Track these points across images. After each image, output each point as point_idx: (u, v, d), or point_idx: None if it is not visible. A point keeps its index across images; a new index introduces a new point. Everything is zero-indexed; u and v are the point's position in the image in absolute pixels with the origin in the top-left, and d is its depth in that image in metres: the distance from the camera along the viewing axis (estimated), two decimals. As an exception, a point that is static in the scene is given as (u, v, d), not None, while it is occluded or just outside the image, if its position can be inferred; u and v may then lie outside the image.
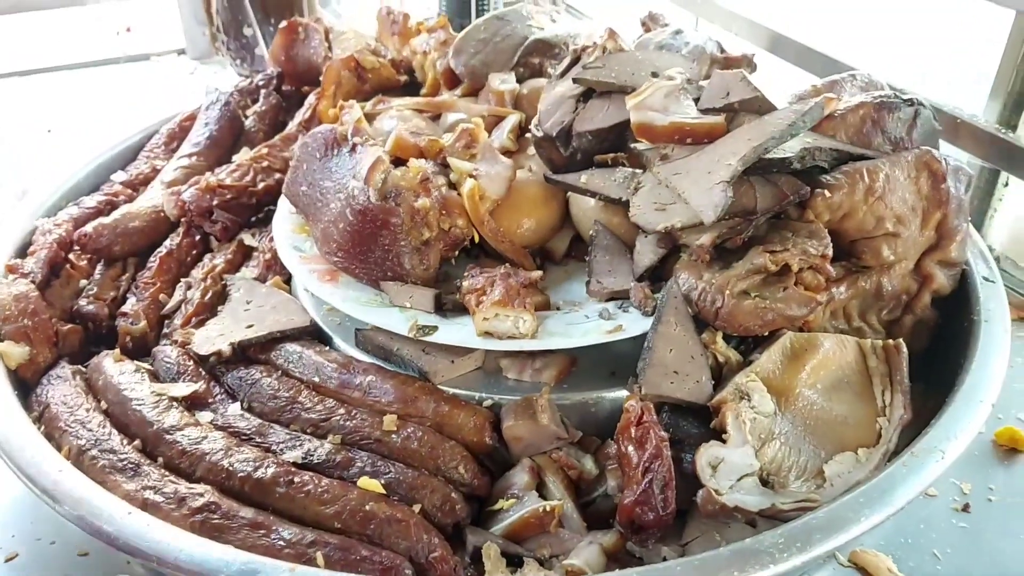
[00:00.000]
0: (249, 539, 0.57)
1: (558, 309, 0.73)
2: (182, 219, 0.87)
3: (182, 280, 0.82)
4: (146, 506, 0.59)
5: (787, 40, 1.11)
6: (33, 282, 0.77)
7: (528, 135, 0.82)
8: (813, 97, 0.76)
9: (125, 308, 0.78)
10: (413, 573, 0.56)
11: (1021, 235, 0.93)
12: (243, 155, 0.95)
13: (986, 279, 0.77)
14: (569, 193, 0.79)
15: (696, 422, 0.66)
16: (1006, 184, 0.92)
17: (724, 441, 0.64)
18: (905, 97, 0.79)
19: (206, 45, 1.43)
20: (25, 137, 1.22)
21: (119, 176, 0.95)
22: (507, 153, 0.81)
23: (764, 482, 0.63)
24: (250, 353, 0.73)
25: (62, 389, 0.69)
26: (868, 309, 0.75)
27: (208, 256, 0.85)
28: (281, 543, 0.56)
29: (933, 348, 0.76)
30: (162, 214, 0.87)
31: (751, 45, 1.16)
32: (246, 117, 1.02)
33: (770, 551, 0.54)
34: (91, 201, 0.89)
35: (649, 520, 0.59)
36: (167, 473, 0.62)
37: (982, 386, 0.67)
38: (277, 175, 0.91)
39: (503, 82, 0.88)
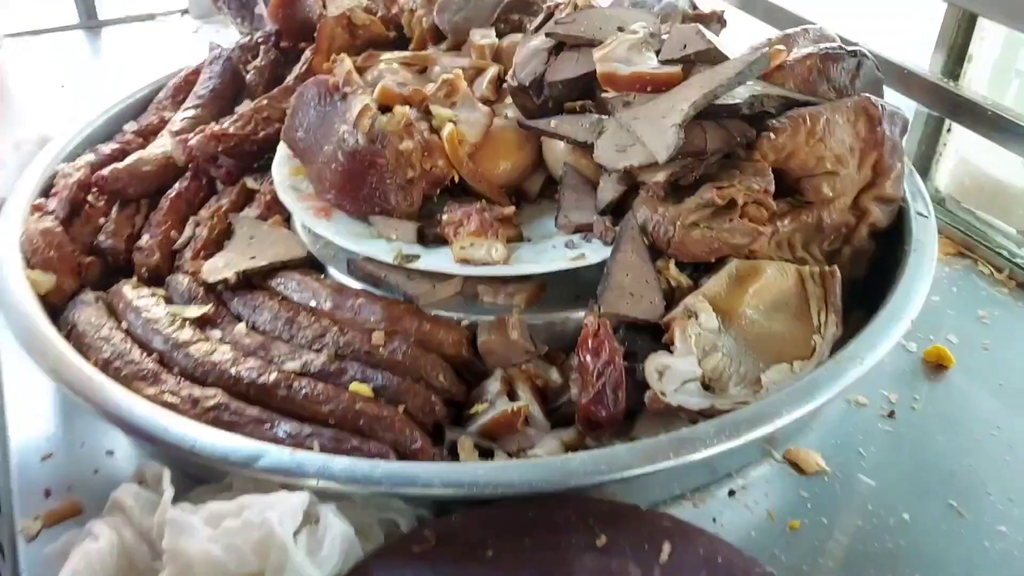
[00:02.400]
0: (255, 432, 0.65)
1: (529, 241, 0.81)
2: (189, 164, 0.95)
3: (191, 219, 0.90)
4: (165, 407, 0.67)
5: (761, 0, 1.18)
6: (57, 219, 0.85)
7: (505, 86, 0.90)
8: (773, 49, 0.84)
9: (140, 243, 0.87)
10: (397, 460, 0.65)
11: (962, 177, 1.01)
12: (244, 106, 1.02)
13: (919, 214, 0.85)
14: (542, 138, 0.86)
15: (649, 338, 0.75)
16: (949, 130, 1.00)
17: (671, 352, 0.72)
18: (850, 49, 0.86)
19: (208, 5, 1.49)
20: (40, 92, 1.29)
21: (131, 126, 1.03)
22: (487, 102, 0.89)
23: (706, 387, 0.71)
24: (253, 281, 0.81)
25: (86, 312, 0.78)
26: (810, 241, 0.82)
27: (214, 198, 0.93)
28: (282, 435, 0.65)
29: (872, 277, 0.84)
30: (171, 160, 0.95)
31: (723, 3, 1.22)
32: (247, 72, 1.09)
33: (703, 438, 0.63)
34: (106, 148, 0.97)
35: (602, 417, 0.68)
36: (182, 380, 0.71)
37: (904, 305, 0.75)
38: (276, 124, 0.98)
39: (483, 37, 0.96)
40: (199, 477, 0.65)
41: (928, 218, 0.85)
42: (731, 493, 0.71)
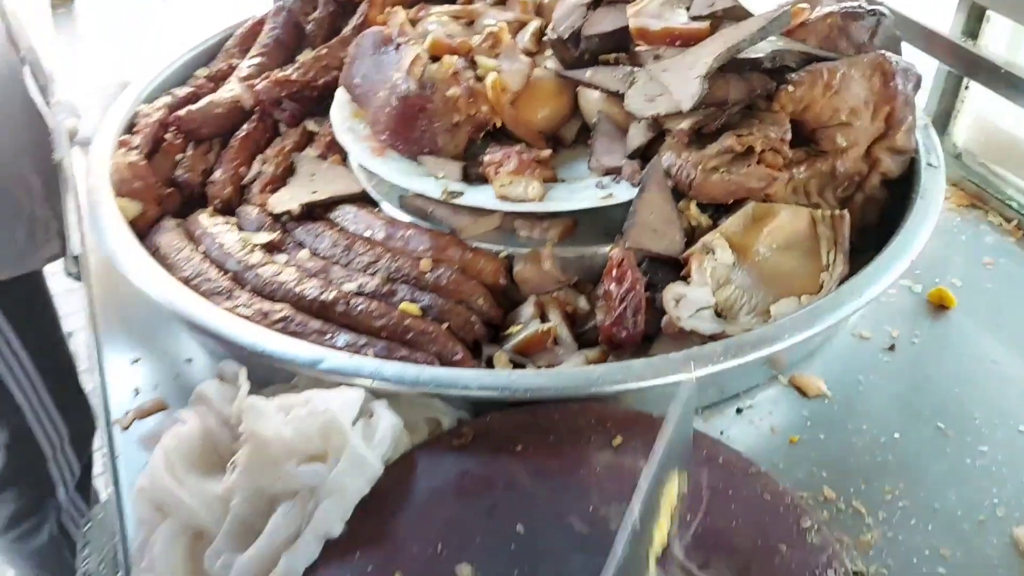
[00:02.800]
0: (317, 341, 0.74)
1: (563, 181, 0.89)
2: (256, 108, 1.04)
3: (258, 157, 0.99)
4: (239, 319, 0.77)
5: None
6: (140, 154, 0.95)
7: (545, 39, 0.97)
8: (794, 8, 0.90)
9: (213, 178, 0.96)
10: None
11: (979, 133, 1.06)
12: (305, 55, 1.11)
13: (930, 164, 0.91)
14: (578, 87, 0.93)
15: (669, 271, 0.82)
16: (967, 87, 1.05)
17: (688, 283, 0.80)
18: (869, 8, 0.91)
19: (270, -40, 1.57)
20: (117, 41, 1.39)
21: (202, 72, 1.12)
22: (528, 53, 0.96)
23: (718, 315, 0.79)
24: (315, 213, 0.90)
25: (168, 236, 0.88)
26: (825, 187, 0.89)
27: (278, 138, 1.02)
28: (341, 344, 0.74)
29: (885, 224, 0.90)
30: (240, 103, 1.04)
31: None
32: (307, 23, 1.18)
33: (710, 356, 0.71)
34: (181, 92, 1.06)
35: (623, 337, 0.76)
36: (253, 297, 0.80)
37: (906, 246, 0.81)
38: (334, 72, 1.06)
39: (527, -8, 1.03)
40: (269, 381, 0.75)
41: (938, 168, 0.90)
42: (738, 411, 0.79)
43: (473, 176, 0.88)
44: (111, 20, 1.47)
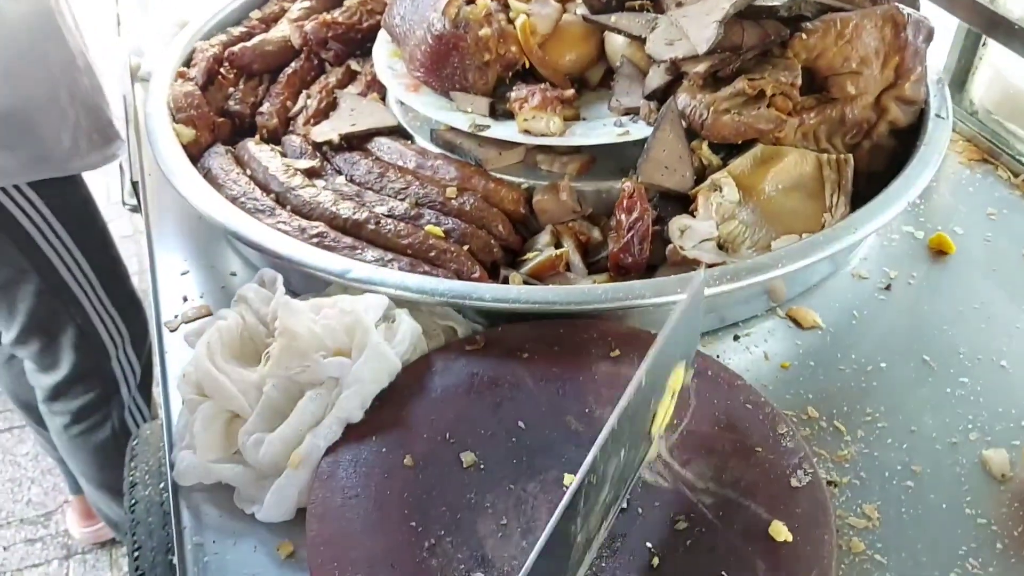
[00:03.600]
0: (348, 255, 0.82)
1: (584, 120, 0.94)
2: (304, 47, 1.11)
3: (304, 92, 1.06)
4: (280, 233, 0.84)
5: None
6: (196, 85, 1.02)
7: (575, -15, 1.02)
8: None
9: (262, 109, 1.04)
10: (458, 282, 0.81)
11: (996, 90, 1.09)
12: (350, 0, 1.18)
13: (938, 116, 0.95)
14: (604, 32, 0.99)
15: (678, 207, 0.88)
16: (984, 45, 1.07)
17: (694, 216, 0.86)
18: (887, -39, 0.95)
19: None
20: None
21: (255, 14, 1.19)
22: (557, 1, 1.01)
23: (721, 247, 0.85)
24: (352, 143, 0.98)
25: (219, 160, 0.95)
26: (834, 134, 0.93)
27: (323, 76, 1.09)
28: (369, 258, 0.82)
29: (892, 170, 0.94)
30: (289, 43, 1.11)
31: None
32: (356, -30, 1.24)
33: (708, 279, 0.76)
34: (235, 31, 1.14)
35: (629, 263, 0.82)
36: (293, 215, 0.88)
37: (904, 189, 0.86)
38: (377, 16, 1.12)
39: (560, -60, 1.08)
40: (304, 289, 0.82)
41: (946, 120, 0.94)
42: (736, 338, 0.85)
43: (500, 112, 0.94)
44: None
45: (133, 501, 1.28)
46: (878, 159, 0.94)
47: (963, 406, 0.77)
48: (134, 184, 1.11)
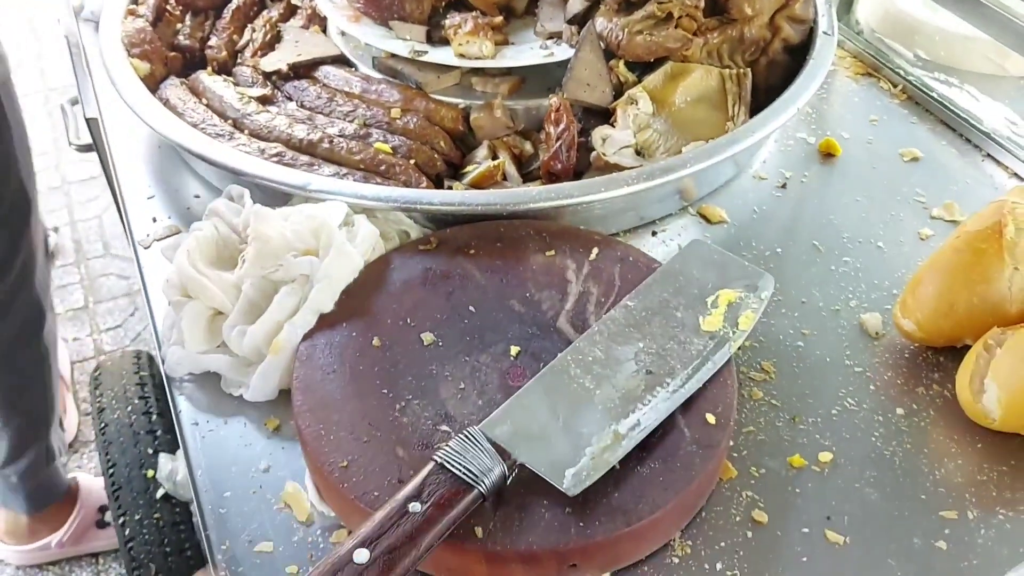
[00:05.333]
0: (307, 171, 0.91)
1: (513, 44, 1.04)
2: (246, -16, 1.17)
3: (248, 27, 1.13)
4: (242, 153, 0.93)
5: None
6: (147, 22, 1.08)
7: (500, -79, 1.11)
8: None
9: (211, 43, 1.10)
10: (408, 191, 0.91)
11: (877, 10, 1.22)
12: (287, -61, 1.24)
13: (825, 33, 1.07)
14: (528, -36, 1.08)
15: (599, 119, 0.99)
16: (868, -32, 1.20)
17: (614, 127, 0.97)
18: None
19: None
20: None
21: (195, -48, 1.24)
22: (485, -65, 1.10)
23: (638, 153, 0.96)
24: (300, 72, 1.05)
25: (175, 91, 1.02)
26: (734, 52, 1.04)
27: (266, 11, 1.16)
28: (326, 173, 0.91)
29: (786, 83, 1.06)
30: (231, -20, 1.17)
31: None
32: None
33: (626, 179, 0.88)
34: (178, -31, 1.20)
35: (558, 169, 0.93)
36: (252, 138, 0.96)
37: (794, 98, 0.98)
38: (315, -48, 1.19)
39: None
40: (266, 205, 0.91)
41: (832, 37, 1.06)
42: (654, 233, 0.96)
43: (436, 39, 1.03)
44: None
45: (103, 424, 1.37)
46: (774, 74, 1.06)
47: (845, 280, 0.91)
48: (90, 121, 1.16)
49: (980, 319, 0.79)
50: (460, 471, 0.64)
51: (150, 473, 1.31)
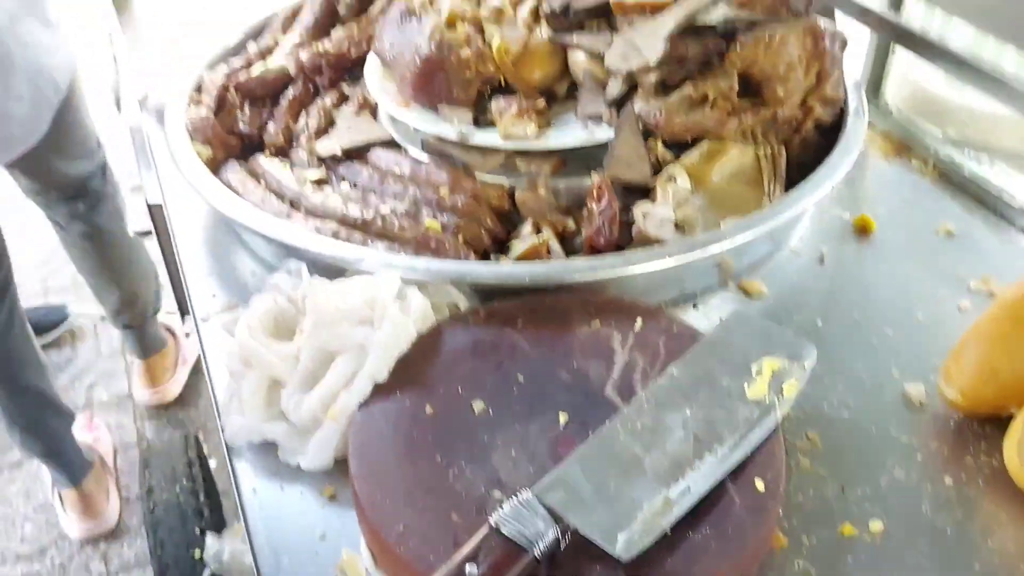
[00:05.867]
0: (359, 246, 0.95)
1: (555, 127, 1.09)
2: (300, 74, 1.24)
3: (303, 112, 1.20)
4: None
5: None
6: (209, 110, 1.15)
7: (541, 12, 1.17)
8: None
9: (268, 129, 1.16)
10: (457, 266, 0.94)
11: (905, 91, 1.26)
12: (338, 32, 1.31)
13: (855, 113, 1.11)
14: (568, 50, 1.13)
15: (639, 196, 1.03)
16: (893, 52, 1.24)
17: (654, 203, 1.00)
18: (806, -16, 1.11)
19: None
20: (177, 27, 1.60)
21: (252, 47, 1.32)
22: (527, 24, 1.16)
23: (678, 227, 0.99)
24: (353, 155, 1.11)
25: (235, 174, 1.08)
26: (768, 131, 1.08)
27: (319, 98, 1.22)
28: (379, 248, 0.95)
29: (819, 161, 1.09)
30: (287, 71, 1.24)
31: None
32: (340, 6, 1.38)
33: (667, 252, 0.91)
34: (237, 62, 1.27)
35: (600, 244, 0.96)
36: (308, 216, 1.00)
37: (828, 174, 1.01)
38: (363, 46, 1.26)
39: (526, -24, 1.23)
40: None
41: (862, 117, 1.10)
42: (695, 306, 0.99)
43: (482, 122, 1.08)
44: (166, 16, 1.68)
45: (152, 504, 1.39)
46: (807, 152, 1.10)
47: (886, 352, 0.92)
48: (152, 207, 1.22)
49: (1023, 387, 0.80)
50: (515, 535, 0.65)
51: (197, 553, 1.33)
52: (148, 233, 1.33)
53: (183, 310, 1.38)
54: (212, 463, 1.79)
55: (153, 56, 1.44)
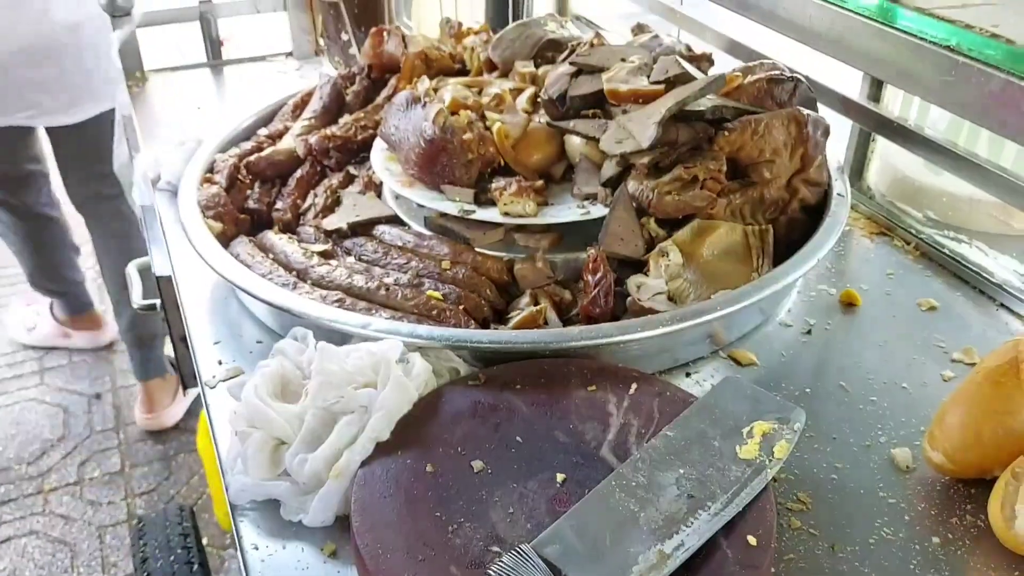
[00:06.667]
0: (365, 314, 0.98)
1: (552, 204, 1.14)
2: (308, 156, 1.30)
3: (311, 192, 1.25)
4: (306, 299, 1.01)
5: (740, 45, 1.51)
6: (221, 188, 1.20)
7: (539, 100, 1.24)
8: (730, 75, 1.17)
9: (277, 206, 1.22)
10: (458, 333, 0.98)
11: (885, 176, 1.32)
12: (346, 118, 1.38)
13: (839, 195, 1.16)
14: (564, 135, 1.20)
15: (632, 270, 1.07)
16: (874, 140, 1.31)
17: (647, 276, 1.04)
18: (788, 76, 1.18)
19: (307, 48, 1.88)
20: (189, 113, 1.67)
21: (263, 131, 1.38)
22: (526, 112, 1.23)
23: (671, 299, 1.03)
24: (358, 230, 1.16)
25: (245, 247, 1.12)
26: (756, 211, 1.14)
27: (326, 179, 1.28)
28: (383, 317, 0.98)
29: (805, 239, 1.14)
30: (295, 153, 1.30)
31: (715, 48, 1.55)
32: (347, 94, 1.45)
33: (659, 321, 0.94)
34: (247, 145, 1.33)
35: (596, 314, 1.00)
36: (314, 287, 1.04)
37: (813, 252, 1.05)
38: (370, 131, 1.33)
39: (524, 66, 1.30)
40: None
41: (845, 198, 1.16)
42: (687, 375, 1.02)
43: (483, 200, 1.13)
44: (176, 97, 1.76)
45: (146, 573, 1.39)
46: (793, 231, 1.15)
47: (873, 418, 0.95)
48: (161, 279, 1.27)
49: (1006, 449, 0.82)
50: (513, 585, 0.67)
51: (190, 623, 1.32)
52: (152, 307, 1.37)
53: (185, 382, 1.41)
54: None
55: (165, 138, 1.51)
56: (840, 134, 1.28)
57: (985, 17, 0.93)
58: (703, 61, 1.34)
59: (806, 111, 1.14)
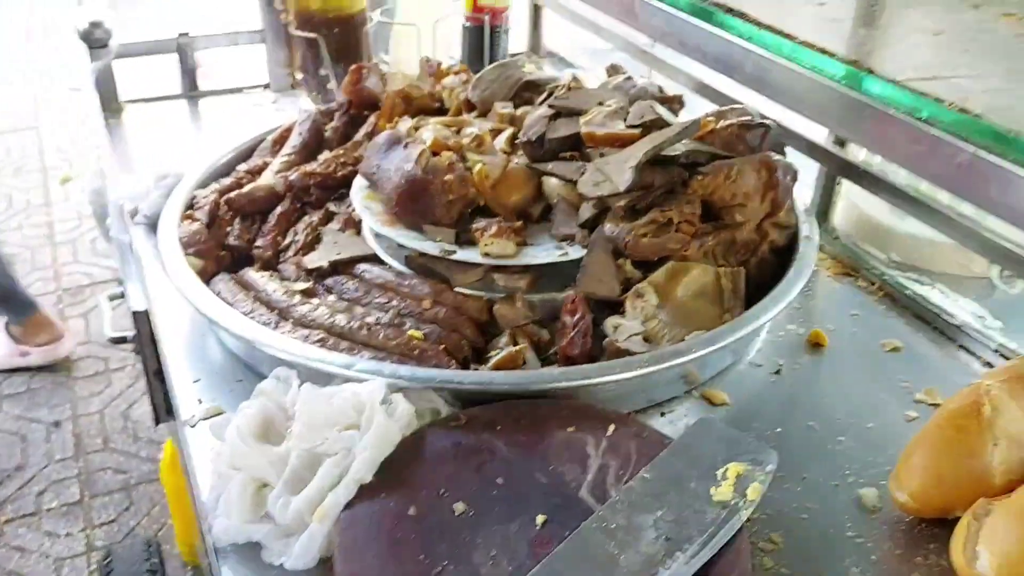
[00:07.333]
0: (348, 354, 1.00)
1: (531, 245, 1.17)
2: (288, 192, 1.31)
3: (291, 230, 1.26)
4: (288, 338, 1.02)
5: (710, 87, 1.55)
6: (201, 224, 1.21)
7: (517, 141, 1.26)
8: (703, 120, 1.21)
9: (258, 244, 1.23)
10: (439, 374, 0.99)
11: (850, 218, 1.36)
12: (325, 155, 1.39)
13: (807, 238, 1.20)
14: (542, 176, 1.22)
15: (609, 311, 1.10)
16: (839, 184, 1.36)
17: (623, 317, 1.07)
18: (759, 121, 1.22)
19: (284, 81, 1.89)
20: (165, 145, 1.68)
21: (243, 166, 1.39)
22: (504, 153, 1.25)
23: (646, 339, 1.06)
24: (339, 269, 1.17)
25: (226, 285, 1.13)
26: (727, 253, 1.17)
27: (307, 216, 1.29)
28: (365, 357, 1.00)
29: (775, 280, 1.17)
30: (275, 189, 1.31)
31: (686, 89, 1.59)
32: (326, 130, 1.47)
33: (635, 363, 0.97)
34: (227, 181, 1.34)
35: (575, 354, 1.02)
36: (296, 327, 1.05)
37: (783, 294, 1.09)
38: (350, 167, 1.34)
39: (503, 107, 1.33)
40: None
41: (812, 240, 1.20)
42: (662, 414, 1.05)
43: (463, 240, 1.15)
44: (152, 128, 1.76)
45: (116, 609, 1.38)
46: (763, 272, 1.18)
47: (841, 458, 0.98)
48: (136, 314, 1.27)
49: (968, 489, 0.86)
50: (498, 628, 0.69)
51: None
52: (123, 340, 1.37)
53: (158, 417, 1.41)
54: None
55: (141, 170, 1.51)
56: (807, 177, 1.32)
57: (955, 90, 0.98)
58: (674, 103, 1.38)
59: (776, 156, 1.18)
